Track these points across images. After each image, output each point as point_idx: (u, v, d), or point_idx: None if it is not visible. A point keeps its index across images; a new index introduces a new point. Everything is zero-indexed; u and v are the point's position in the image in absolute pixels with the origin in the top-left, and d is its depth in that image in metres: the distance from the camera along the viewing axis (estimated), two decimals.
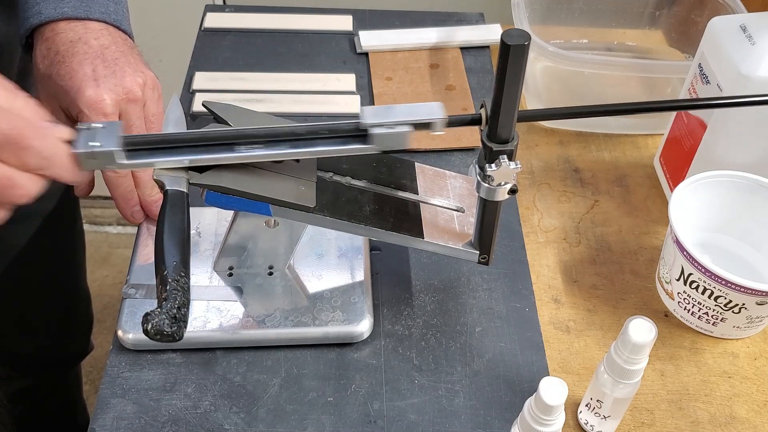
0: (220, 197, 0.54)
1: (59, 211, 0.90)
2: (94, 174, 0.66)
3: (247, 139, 0.50)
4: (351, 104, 0.87)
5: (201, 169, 0.53)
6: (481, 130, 0.52)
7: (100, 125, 0.48)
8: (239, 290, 0.64)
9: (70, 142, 0.47)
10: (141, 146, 0.49)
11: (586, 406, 0.57)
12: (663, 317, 0.68)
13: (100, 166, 0.48)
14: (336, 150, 0.51)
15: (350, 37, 0.97)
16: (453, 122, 0.53)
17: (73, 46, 0.60)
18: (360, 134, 0.50)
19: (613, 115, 0.55)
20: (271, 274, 0.65)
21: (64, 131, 0.47)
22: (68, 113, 0.61)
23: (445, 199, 0.64)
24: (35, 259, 0.92)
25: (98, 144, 0.47)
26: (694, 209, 0.69)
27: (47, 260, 0.94)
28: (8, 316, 0.94)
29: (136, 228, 0.69)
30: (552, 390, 0.46)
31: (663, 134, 0.81)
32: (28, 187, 0.46)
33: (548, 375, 0.57)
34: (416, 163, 0.65)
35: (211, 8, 1.00)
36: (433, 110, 0.51)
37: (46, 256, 0.94)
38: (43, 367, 1.04)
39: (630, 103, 0.55)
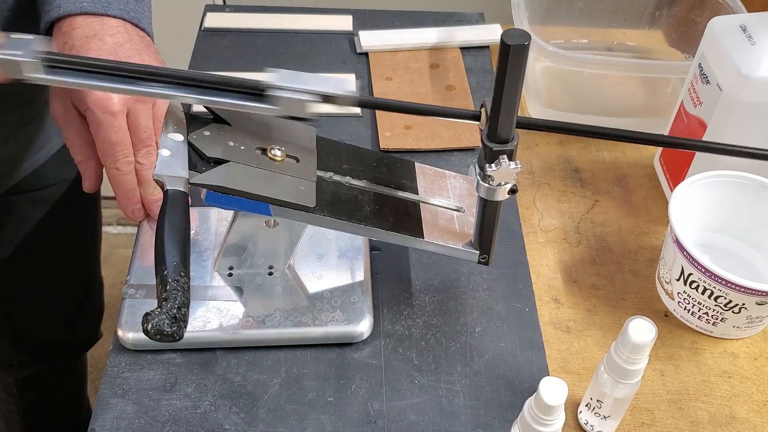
0: (220, 197, 0.54)
1: (78, 197, 0.90)
2: (102, 171, 0.66)
3: (155, 77, 0.52)
4: None
5: (201, 169, 0.53)
6: (481, 130, 0.52)
7: (31, 37, 0.50)
8: (239, 290, 0.64)
9: None
10: (60, 64, 0.50)
11: (586, 406, 0.57)
12: (663, 317, 0.68)
13: (15, 75, 0.50)
14: (239, 104, 0.53)
15: (350, 37, 0.97)
16: (453, 116, 0.53)
17: (88, 42, 0.60)
18: (259, 93, 0.52)
19: (608, 139, 0.55)
20: (271, 274, 0.65)
21: None
22: (79, 109, 0.61)
23: (445, 199, 0.64)
24: (54, 243, 0.92)
25: (19, 52, 0.49)
26: (694, 209, 0.69)
27: (66, 245, 0.95)
28: (26, 300, 0.95)
29: (136, 228, 0.69)
30: (552, 390, 0.46)
31: (663, 134, 0.81)
32: None
33: (548, 375, 0.57)
34: (416, 163, 0.65)
35: (211, 8, 1.00)
36: (341, 84, 0.52)
37: (65, 241, 0.94)
38: (55, 353, 1.05)
39: (624, 130, 0.55)
